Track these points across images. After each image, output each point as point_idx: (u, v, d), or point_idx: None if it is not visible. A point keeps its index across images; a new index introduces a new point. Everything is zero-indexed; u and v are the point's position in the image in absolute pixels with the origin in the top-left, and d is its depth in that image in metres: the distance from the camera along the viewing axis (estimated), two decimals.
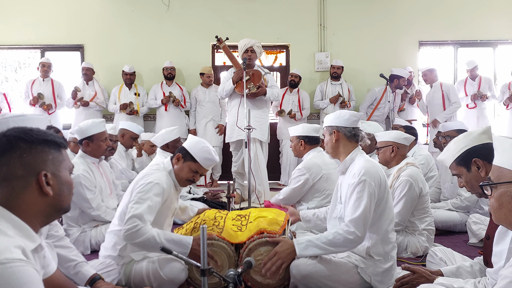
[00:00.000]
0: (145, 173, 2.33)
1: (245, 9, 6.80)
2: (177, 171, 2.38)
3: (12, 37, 6.66)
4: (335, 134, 2.30)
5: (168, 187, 2.31)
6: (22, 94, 6.32)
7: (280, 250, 2.15)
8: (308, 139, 3.46)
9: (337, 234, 2.11)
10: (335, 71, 6.41)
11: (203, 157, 2.35)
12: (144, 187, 2.22)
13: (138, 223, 2.11)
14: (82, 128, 3.19)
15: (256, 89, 4.62)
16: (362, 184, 2.13)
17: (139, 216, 2.13)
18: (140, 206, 2.16)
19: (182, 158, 2.37)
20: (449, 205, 3.76)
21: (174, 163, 2.40)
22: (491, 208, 1.34)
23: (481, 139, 1.81)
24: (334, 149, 2.34)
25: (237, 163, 4.92)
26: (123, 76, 6.32)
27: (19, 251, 1.01)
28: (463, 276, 1.93)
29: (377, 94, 6.27)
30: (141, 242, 2.11)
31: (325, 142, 2.38)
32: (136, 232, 2.10)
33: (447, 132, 4.18)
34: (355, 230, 2.09)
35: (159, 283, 2.21)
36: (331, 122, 2.34)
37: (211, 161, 2.38)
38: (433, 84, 6.17)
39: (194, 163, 2.35)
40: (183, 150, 2.38)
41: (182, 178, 2.39)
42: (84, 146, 3.20)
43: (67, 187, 1.22)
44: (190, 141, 2.41)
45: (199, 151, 2.35)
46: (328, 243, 2.12)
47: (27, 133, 1.15)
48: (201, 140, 2.42)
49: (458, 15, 6.91)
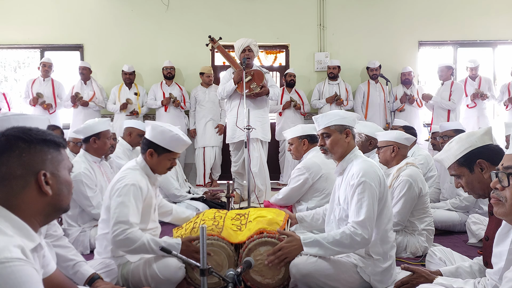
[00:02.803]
0: (119, 177, 2.31)
1: (245, 9, 6.80)
2: (154, 166, 2.37)
3: (11, 37, 6.66)
4: (349, 134, 2.28)
5: (144, 186, 2.30)
6: (22, 93, 6.31)
7: (287, 246, 2.14)
8: (310, 137, 3.47)
9: (344, 235, 2.09)
10: (332, 71, 6.45)
11: (176, 145, 2.33)
12: (121, 191, 2.21)
13: (125, 227, 2.12)
14: (90, 125, 3.22)
15: (260, 88, 4.62)
16: (362, 185, 2.13)
17: (124, 220, 2.14)
18: (123, 210, 2.16)
19: (156, 152, 2.34)
20: (448, 205, 3.76)
21: (148, 159, 2.36)
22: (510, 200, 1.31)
23: (484, 140, 1.80)
24: (345, 148, 2.29)
25: (238, 163, 4.91)
26: (123, 76, 6.32)
27: (19, 251, 1.01)
28: (462, 276, 1.93)
29: (363, 88, 6.52)
30: (135, 249, 2.15)
31: (332, 141, 2.28)
32: (126, 238, 2.11)
33: (444, 132, 4.19)
34: (362, 233, 2.07)
35: (157, 283, 2.20)
36: (341, 121, 2.29)
37: (185, 144, 2.37)
38: (445, 82, 6.20)
39: (170, 153, 2.34)
40: (153, 145, 2.33)
41: (162, 170, 2.39)
42: (91, 143, 3.22)
43: (66, 186, 1.21)
44: (154, 133, 2.33)
45: (170, 141, 2.32)
46: (335, 243, 2.10)
47: (26, 132, 1.15)
48: (164, 129, 2.32)
49: (457, 15, 6.91)
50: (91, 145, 3.23)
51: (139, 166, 2.38)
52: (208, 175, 6.36)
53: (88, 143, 3.23)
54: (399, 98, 6.48)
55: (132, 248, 2.14)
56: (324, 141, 2.32)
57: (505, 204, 1.32)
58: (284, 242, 2.16)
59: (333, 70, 6.44)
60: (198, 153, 6.34)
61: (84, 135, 3.24)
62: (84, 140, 3.25)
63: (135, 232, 2.14)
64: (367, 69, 6.56)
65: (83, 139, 3.27)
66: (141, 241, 2.13)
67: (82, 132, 3.25)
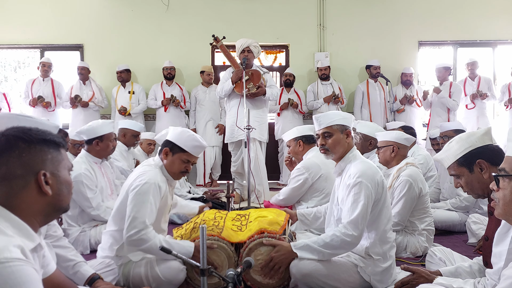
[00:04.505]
0: (138, 173, 2.30)
1: (245, 9, 6.80)
2: (168, 166, 2.35)
3: (11, 37, 6.65)
4: (349, 135, 2.29)
5: (163, 185, 2.30)
6: (21, 93, 6.31)
7: (276, 256, 2.16)
8: (305, 138, 3.47)
9: (334, 237, 2.11)
10: (324, 72, 6.43)
11: (191, 145, 2.33)
12: (140, 189, 2.19)
13: (141, 228, 2.12)
14: (93, 128, 3.21)
15: (256, 89, 4.61)
16: (358, 186, 2.13)
17: (140, 220, 2.13)
18: (140, 209, 2.15)
19: (170, 151, 2.34)
20: (448, 205, 3.76)
21: (163, 158, 2.36)
22: (501, 201, 1.32)
23: (484, 140, 1.80)
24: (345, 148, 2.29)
25: (237, 163, 4.91)
26: (117, 75, 6.33)
27: (18, 251, 1.00)
28: (462, 276, 1.93)
29: (362, 88, 6.48)
30: (145, 249, 2.16)
31: (333, 141, 2.27)
32: (139, 239, 2.12)
33: (444, 132, 4.19)
34: (353, 232, 2.09)
35: (158, 284, 2.20)
36: (343, 121, 2.29)
37: (200, 147, 2.36)
38: (443, 83, 6.19)
39: (184, 153, 2.33)
40: (169, 144, 2.35)
41: (175, 171, 2.36)
42: (94, 145, 3.22)
43: (66, 186, 1.21)
44: (173, 133, 2.37)
45: (185, 140, 2.33)
46: (325, 245, 2.12)
47: (26, 132, 1.15)
48: (184, 129, 2.39)
49: (457, 15, 6.91)
50: (94, 147, 3.23)
51: (157, 166, 2.37)
52: (208, 175, 6.36)
53: (91, 145, 3.23)
54: (399, 98, 6.47)
55: (143, 248, 2.15)
56: (325, 141, 2.30)
57: (499, 204, 1.33)
58: (273, 252, 2.17)
59: (325, 71, 6.43)
60: None
61: (87, 137, 3.23)
62: (87, 141, 3.24)
63: (149, 233, 2.13)
64: (368, 68, 6.54)
65: (86, 141, 3.26)
66: (153, 242, 2.12)
67: (85, 134, 3.23)
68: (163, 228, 2.47)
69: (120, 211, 2.28)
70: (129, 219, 2.14)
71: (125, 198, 2.25)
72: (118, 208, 2.30)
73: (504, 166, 1.32)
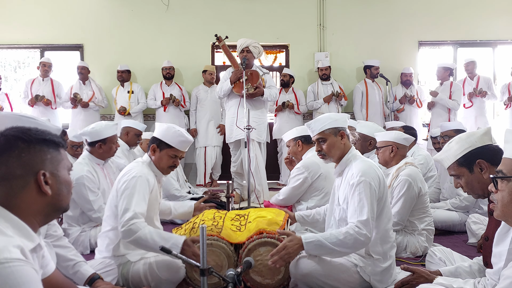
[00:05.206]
0: (126, 170, 2.34)
1: (245, 9, 6.80)
2: (157, 161, 2.40)
3: (11, 37, 6.65)
4: (344, 136, 2.29)
5: (151, 178, 2.34)
6: (21, 93, 6.30)
7: (290, 245, 2.07)
8: (304, 138, 3.47)
9: (348, 235, 2.05)
10: (324, 72, 6.42)
11: (178, 141, 2.38)
12: (128, 183, 2.23)
13: (131, 216, 2.13)
14: (97, 131, 3.19)
15: (254, 89, 4.60)
16: (362, 185, 2.12)
17: (131, 210, 2.15)
18: (130, 201, 2.18)
19: (158, 148, 2.39)
20: (448, 205, 3.76)
21: (151, 154, 2.41)
22: (500, 203, 1.32)
23: (483, 141, 1.80)
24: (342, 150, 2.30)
25: (236, 163, 4.91)
26: (117, 74, 6.33)
27: (18, 251, 1.00)
28: (462, 276, 1.93)
29: (361, 88, 6.45)
30: (138, 239, 2.12)
31: (328, 145, 2.28)
32: (129, 229, 2.12)
33: (445, 132, 4.19)
34: (366, 232, 2.06)
35: (157, 283, 2.20)
36: (334, 124, 2.29)
37: (186, 142, 2.41)
38: (444, 82, 6.19)
39: (171, 149, 2.38)
40: (156, 140, 2.40)
41: (164, 166, 2.41)
42: (96, 148, 3.20)
43: (66, 186, 1.21)
44: (159, 130, 2.42)
45: (172, 136, 2.37)
46: (338, 243, 2.06)
47: (25, 132, 1.15)
48: (170, 125, 2.43)
49: (457, 15, 6.91)
50: (96, 149, 3.21)
51: (145, 162, 2.41)
52: (208, 175, 6.36)
53: (94, 147, 3.22)
54: (399, 98, 6.47)
55: (136, 237, 2.11)
56: (320, 146, 2.31)
57: (497, 206, 1.33)
58: (287, 241, 2.09)
59: (325, 71, 6.42)
60: (199, 152, 6.34)
61: (90, 139, 3.21)
62: (90, 143, 3.23)
63: (141, 223, 2.14)
64: (369, 68, 6.50)
65: (88, 143, 3.25)
66: (144, 231, 2.12)
67: (89, 136, 3.21)
68: (157, 226, 2.47)
69: (111, 210, 2.29)
70: (121, 212, 2.17)
71: (114, 197, 2.28)
72: (110, 207, 2.32)
73: (501, 168, 1.33)
